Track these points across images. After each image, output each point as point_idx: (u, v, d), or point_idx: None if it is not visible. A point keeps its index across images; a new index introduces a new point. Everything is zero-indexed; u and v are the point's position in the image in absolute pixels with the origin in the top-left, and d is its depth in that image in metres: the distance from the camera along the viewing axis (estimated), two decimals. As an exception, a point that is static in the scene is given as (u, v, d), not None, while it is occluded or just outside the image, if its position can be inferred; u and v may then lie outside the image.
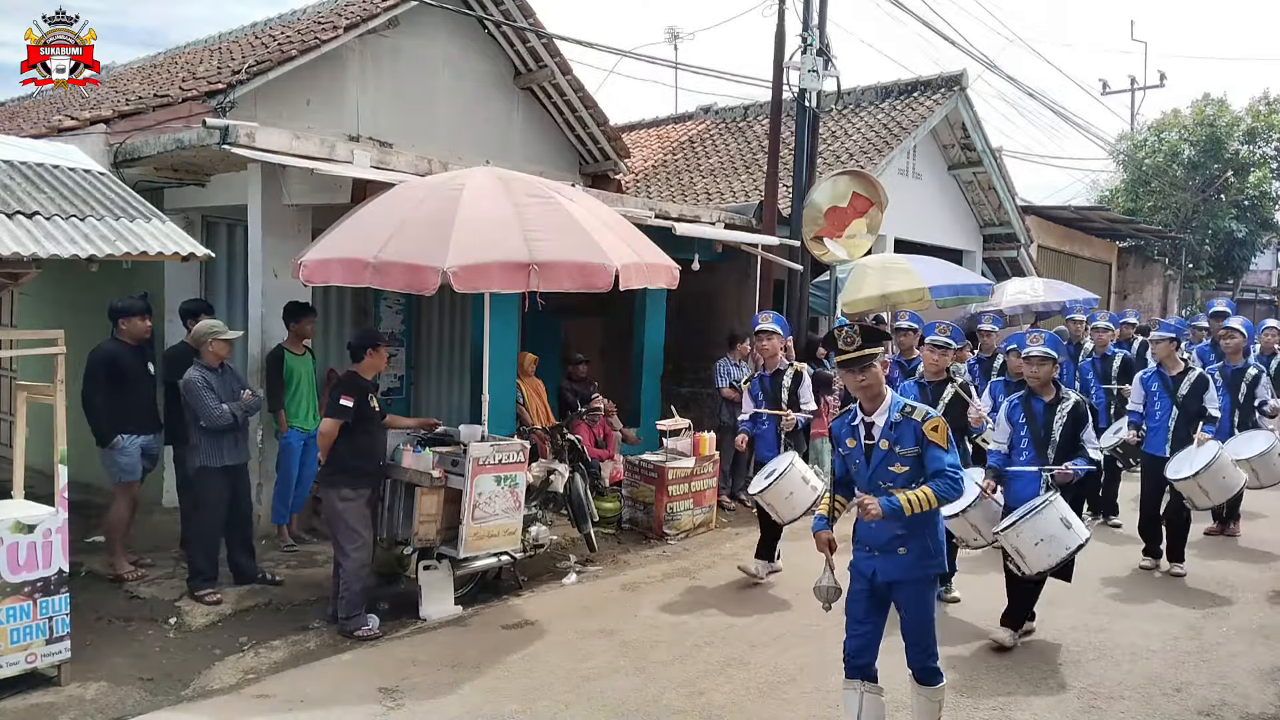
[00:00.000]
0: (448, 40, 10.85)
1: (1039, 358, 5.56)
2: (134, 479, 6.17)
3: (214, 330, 5.94)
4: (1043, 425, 5.52)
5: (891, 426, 3.97)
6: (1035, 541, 5.24)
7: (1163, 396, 7.22)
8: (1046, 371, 5.55)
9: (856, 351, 3.93)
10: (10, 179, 5.15)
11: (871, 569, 4.02)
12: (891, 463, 3.96)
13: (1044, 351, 5.56)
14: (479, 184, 5.85)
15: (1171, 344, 7.31)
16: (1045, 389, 5.59)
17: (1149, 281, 22.95)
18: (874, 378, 3.98)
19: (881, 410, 4.01)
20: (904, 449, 3.94)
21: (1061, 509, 5.30)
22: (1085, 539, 5.29)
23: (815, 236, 10.10)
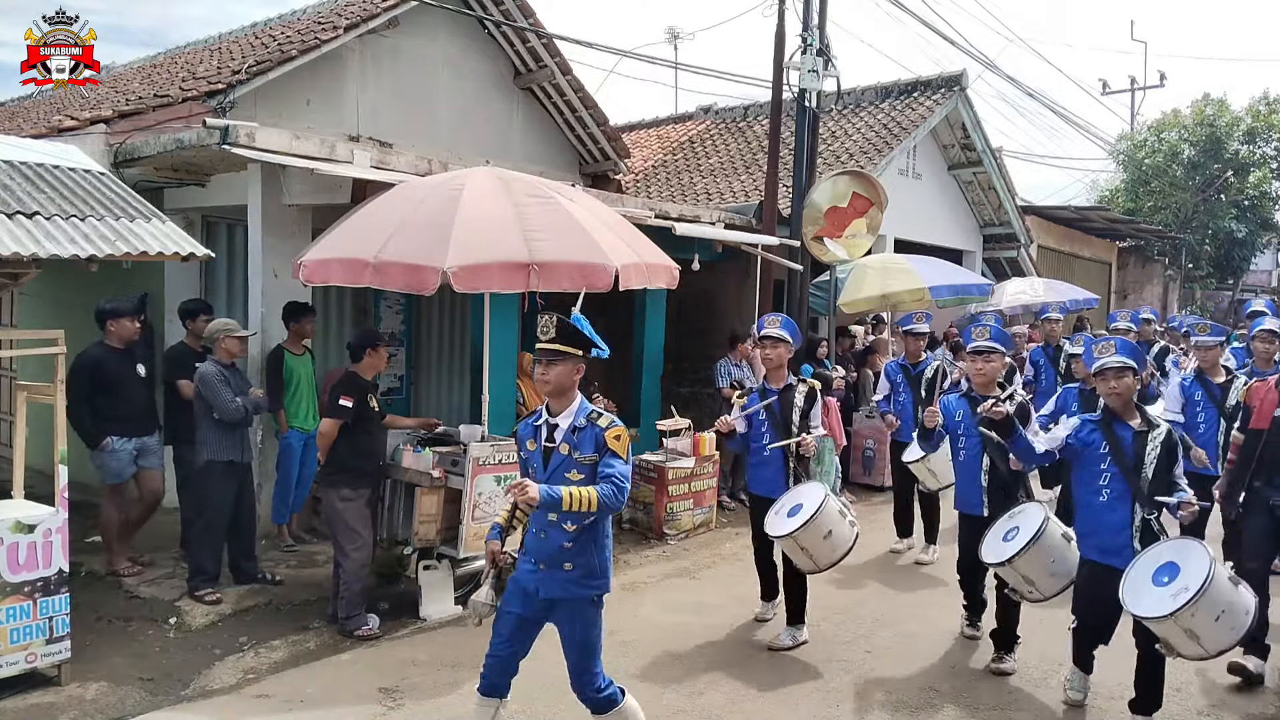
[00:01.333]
0: (448, 40, 10.85)
1: (1115, 369, 4.46)
2: (122, 481, 6.19)
3: (227, 328, 6.07)
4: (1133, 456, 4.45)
5: (574, 431, 3.70)
6: (1216, 615, 3.99)
7: (1208, 407, 6.52)
8: (1127, 386, 4.48)
9: (549, 343, 3.67)
10: (10, 179, 5.15)
11: (534, 584, 3.75)
12: (569, 469, 3.68)
13: (1119, 361, 4.47)
14: (479, 184, 5.85)
15: (1221, 348, 6.70)
16: (1129, 410, 4.55)
17: (1149, 281, 22.94)
18: (559, 376, 3.68)
19: (568, 413, 3.74)
20: (583, 455, 3.67)
21: (1219, 565, 4.11)
22: (1256, 595, 4.18)
23: (815, 236, 10.10)
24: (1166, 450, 4.40)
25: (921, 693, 4.97)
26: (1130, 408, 4.50)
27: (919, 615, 6.19)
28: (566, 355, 3.68)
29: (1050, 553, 4.80)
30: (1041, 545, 4.75)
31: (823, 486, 5.49)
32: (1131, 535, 4.37)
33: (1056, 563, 4.81)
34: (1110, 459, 4.44)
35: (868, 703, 4.85)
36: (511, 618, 3.81)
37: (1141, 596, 4.10)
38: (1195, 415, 6.59)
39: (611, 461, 3.68)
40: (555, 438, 3.73)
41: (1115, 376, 4.43)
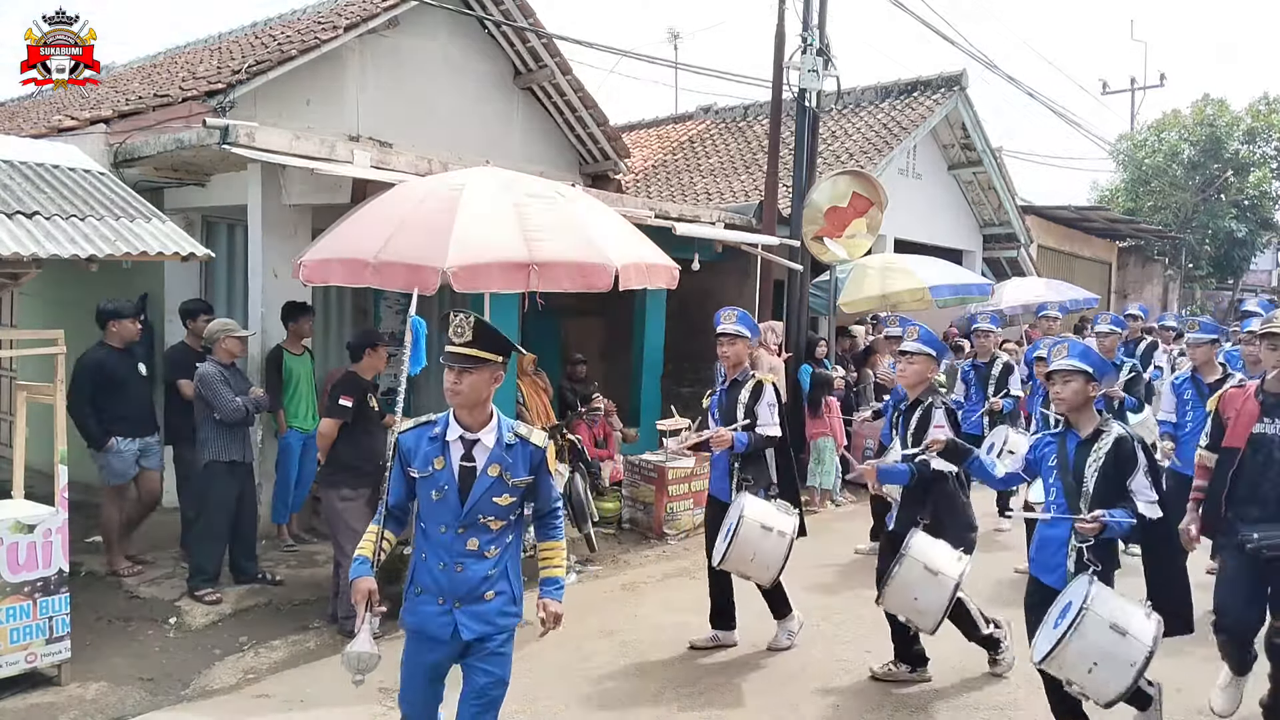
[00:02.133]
0: (447, 40, 10.84)
1: (1064, 372, 4.04)
2: (124, 481, 6.20)
3: (228, 328, 6.09)
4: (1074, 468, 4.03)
5: (506, 448, 3.23)
6: (1088, 667, 3.70)
7: (1197, 406, 6.29)
8: (1075, 391, 4.02)
9: (464, 347, 3.14)
10: (10, 179, 5.15)
11: (447, 627, 3.21)
12: (497, 493, 3.20)
13: (1069, 365, 4.05)
14: (479, 184, 5.85)
15: (1212, 347, 6.51)
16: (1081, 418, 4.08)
17: (1149, 281, 22.94)
18: (473, 386, 3.15)
19: (491, 428, 3.24)
20: (516, 478, 3.23)
21: (1105, 608, 3.71)
22: (1152, 646, 3.68)
23: (815, 236, 10.10)
24: (1115, 459, 3.88)
25: (923, 694, 4.97)
26: (1084, 415, 4.02)
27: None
28: (484, 362, 3.16)
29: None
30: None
31: (744, 502, 5.07)
32: (1067, 555, 3.97)
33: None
34: (1056, 473, 4.06)
35: (869, 703, 4.85)
36: (421, 673, 3.34)
37: (1040, 638, 3.87)
38: (1184, 414, 6.45)
39: (551, 485, 3.36)
40: (476, 456, 3.21)
41: (1063, 380, 4.00)
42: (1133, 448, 3.89)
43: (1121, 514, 3.80)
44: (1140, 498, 3.86)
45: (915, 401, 4.99)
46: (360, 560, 3.31)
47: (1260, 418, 4.18)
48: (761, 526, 4.97)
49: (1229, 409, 4.37)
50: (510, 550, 3.30)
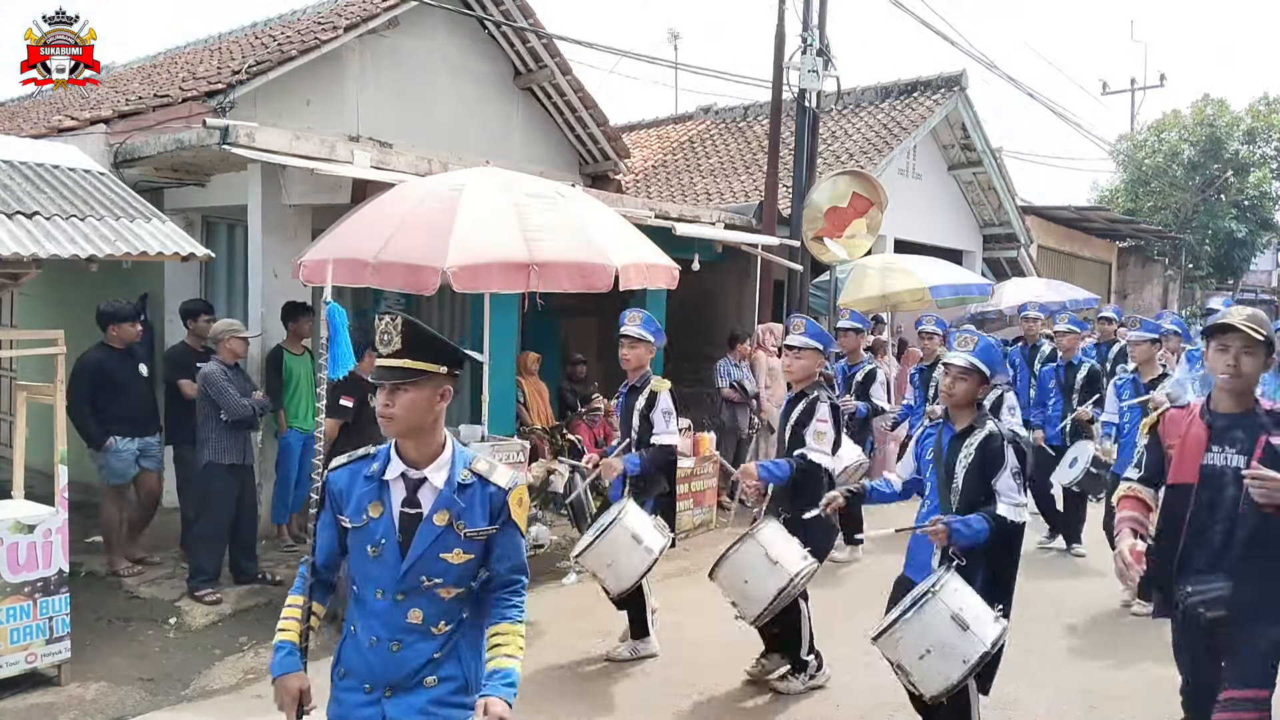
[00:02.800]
0: (448, 40, 10.84)
1: (958, 369, 3.90)
2: (124, 481, 6.20)
3: (232, 328, 6.11)
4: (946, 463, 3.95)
5: (460, 490, 2.49)
6: (920, 653, 3.61)
7: (1133, 407, 6.32)
8: (965, 391, 3.91)
9: (393, 358, 2.42)
10: (10, 179, 5.15)
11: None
12: (446, 548, 2.46)
13: (967, 361, 3.90)
14: (479, 184, 5.85)
15: (1153, 346, 6.51)
16: (961, 413, 3.98)
17: (1149, 281, 22.95)
18: (411, 406, 2.43)
19: (440, 463, 2.50)
20: (471, 528, 2.48)
21: (954, 599, 3.63)
22: (989, 648, 3.57)
23: (815, 236, 10.10)
24: (983, 456, 3.78)
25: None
26: (964, 411, 3.90)
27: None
28: (422, 375, 2.43)
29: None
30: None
31: (626, 507, 4.92)
32: (933, 552, 3.86)
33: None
34: (932, 466, 3.98)
35: (868, 703, 4.85)
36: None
37: (884, 617, 3.80)
38: (1124, 414, 6.45)
39: (516, 544, 2.56)
40: (422, 500, 2.50)
41: (958, 375, 3.86)
42: (1001, 446, 3.79)
43: (976, 518, 3.67)
44: (1004, 499, 3.74)
45: (800, 394, 4.86)
46: (283, 649, 2.66)
47: (1209, 445, 3.26)
48: (632, 536, 4.78)
49: (1170, 434, 3.42)
50: (466, 627, 2.55)
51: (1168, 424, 3.45)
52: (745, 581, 4.54)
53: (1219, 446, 3.25)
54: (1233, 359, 3.16)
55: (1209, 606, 3.17)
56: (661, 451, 5.12)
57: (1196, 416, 3.35)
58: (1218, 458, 3.25)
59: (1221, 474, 3.22)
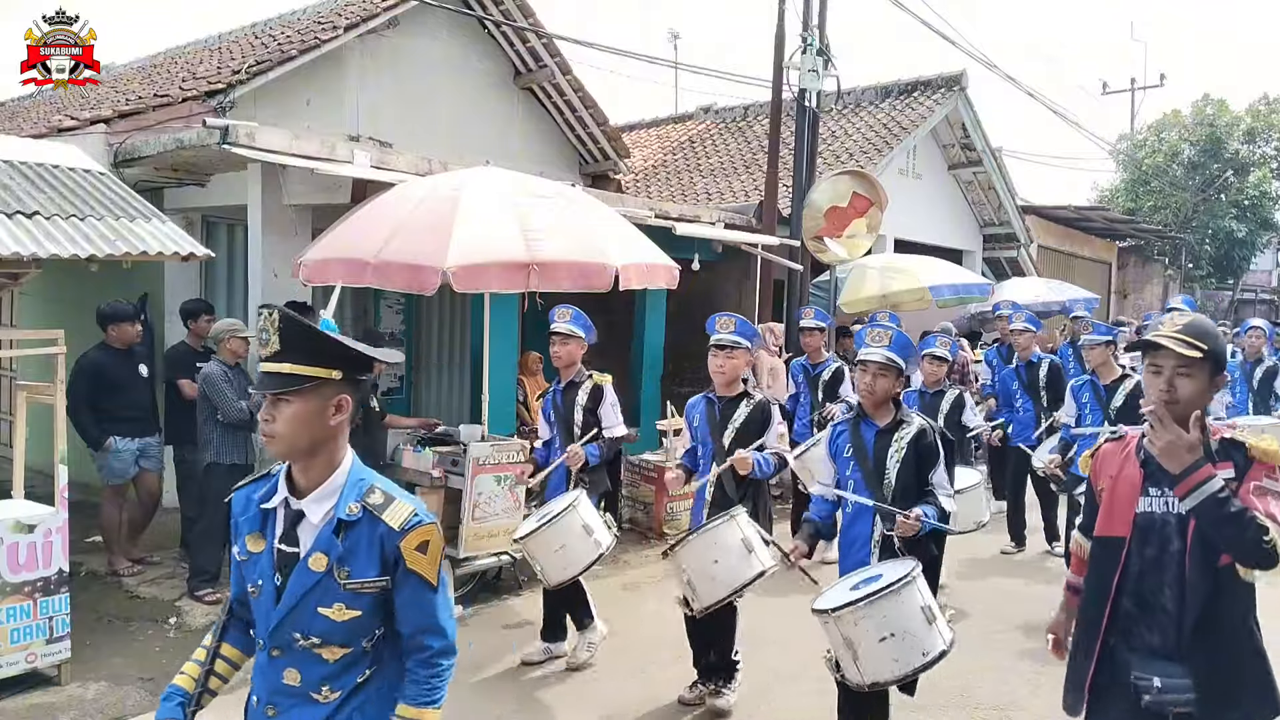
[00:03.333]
0: (448, 40, 10.84)
1: (877, 364, 3.82)
2: (123, 481, 6.21)
3: (233, 328, 6.10)
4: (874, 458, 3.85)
5: (341, 529, 2.05)
6: (882, 636, 3.38)
7: (1095, 409, 6.27)
8: (885, 388, 3.85)
9: (274, 361, 2.02)
10: (10, 179, 5.15)
11: None
12: (327, 600, 2.03)
13: (885, 357, 3.83)
14: (479, 184, 5.85)
15: (1106, 348, 6.43)
16: (881, 410, 3.90)
17: (1149, 281, 22.95)
18: (294, 421, 2.02)
19: (322, 492, 2.07)
20: (359, 578, 2.03)
21: (925, 591, 3.49)
22: (948, 647, 3.42)
23: (815, 236, 10.10)
24: (916, 452, 3.77)
25: (921, 693, 4.95)
26: (882, 408, 3.85)
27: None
28: (309, 383, 2.01)
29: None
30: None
31: (579, 496, 4.83)
32: (871, 551, 3.78)
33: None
34: (854, 463, 3.83)
35: (868, 703, 4.84)
36: None
37: (828, 598, 3.58)
38: (1084, 418, 6.33)
39: (421, 597, 2.08)
40: (300, 538, 2.07)
41: (877, 373, 3.81)
42: (934, 441, 3.81)
43: (932, 511, 3.68)
44: (941, 491, 3.78)
45: (741, 395, 4.72)
46: (172, 697, 2.22)
47: (1144, 489, 2.58)
48: (583, 526, 4.70)
49: (1101, 475, 2.73)
50: (371, 697, 2.11)
51: (1100, 461, 2.75)
52: (715, 562, 4.16)
53: (1157, 489, 2.55)
54: (1165, 383, 2.50)
55: (1180, 706, 2.48)
56: (614, 442, 5.24)
57: (1130, 453, 2.64)
58: (1156, 503, 2.55)
59: (1163, 523, 2.53)
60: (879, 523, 3.78)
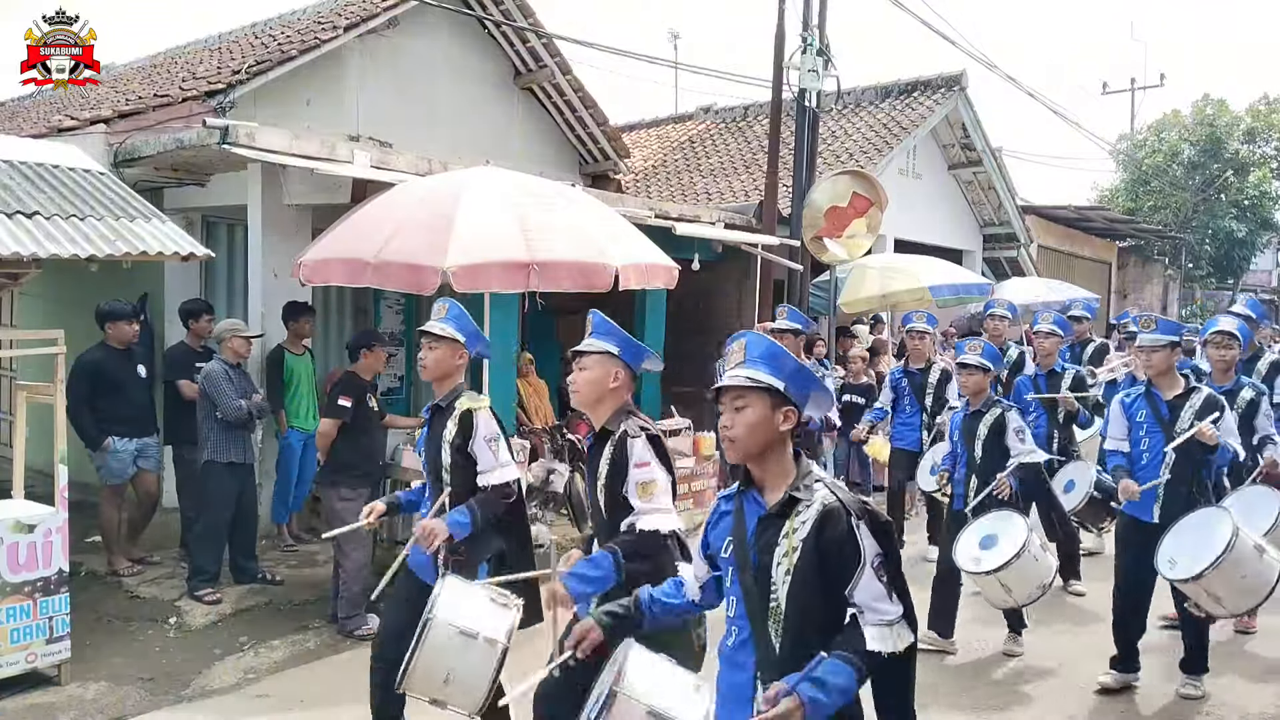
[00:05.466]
0: (448, 40, 10.84)
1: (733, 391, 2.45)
2: (122, 481, 6.21)
3: (235, 328, 6.12)
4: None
5: None
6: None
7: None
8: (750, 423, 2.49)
9: None
10: (10, 179, 5.15)
11: None
12: None
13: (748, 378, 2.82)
14: (479, 184, 5.85)
15: (1058, 342, 6.35)
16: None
17: (1149, 281, 22.95)
18: None
19: None
20: None
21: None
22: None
23: (815, 236, 10.10)
24: (820, 547, 2.30)
25: (921, 692, 4.94)
26: (771, 462, 2.41)
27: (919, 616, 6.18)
28: None
29: None
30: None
31: (440, 593, 3.47)
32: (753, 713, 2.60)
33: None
34: (734, 567, 2.53)
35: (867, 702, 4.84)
36: None
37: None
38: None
39: None
40: None
41: (735, 401, 2.39)
42: (849, 527, 2.27)
43: (833, 667, 2.23)
44: (870, 619, 2.28)
45: (602, 432, 3.27)
46: None
47: None
48: (460, 632, 3.09)
49: None
50: None
51: None
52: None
53: None
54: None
55: None
56: (495, 495, 3.64)
57: None
58: None
59: None
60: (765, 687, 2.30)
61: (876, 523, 2.32)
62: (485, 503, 3.62)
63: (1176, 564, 4.26)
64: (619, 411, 3.26)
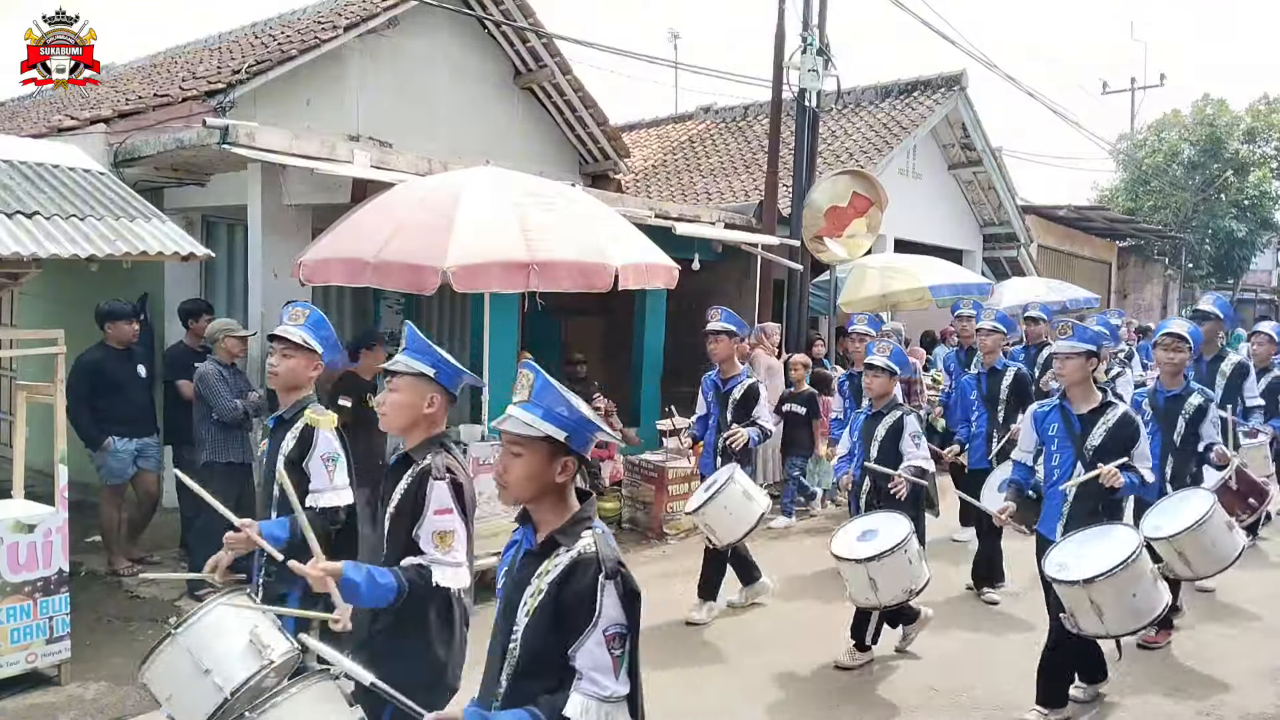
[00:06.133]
0: (448, 40, 10.85)
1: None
2: (121, 481, 6.21)
3: (228, 328, 6.12)
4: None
5: None
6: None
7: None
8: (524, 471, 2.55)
9: None
10: (10, 179, 5.15)
11: None
12: None
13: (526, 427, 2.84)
14: (479, 184, 5.85)
15: (999, 339, 6.30)
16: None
17: (1149, 281, 22.96)
18: None
19: None
20: None
21: None
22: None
23: (815, 236, 10.11)
24: (557, 605, 2.18)
25: (920, 692, 4.97)
26: (548, 508, 2.26)
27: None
28: None
29: None
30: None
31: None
32: None
33: None
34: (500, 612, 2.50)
35: (866, 701, 4.85)
36: None
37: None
38: (970, 412, 6.23)
39: None
40: None
41: (510, 444, 2.25)
42: (593, 584, 2.11)
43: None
44: (584, 688, 2.10)
45: (404, 459, 3.05)
46: None
47: None
48: (193, 663, 2.98)
49: None
50: None
51: None
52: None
53: None
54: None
55: None
56: (321, 519, 3.30)
57: None
58: None
59: None
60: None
61: (627, 589, 2.15)
62: (309, 523, 3.04)
63: (1066, 568, 4.08)
64: (430, 441, 2.99)
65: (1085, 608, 4.01)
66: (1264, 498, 5.56)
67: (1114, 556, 3.97)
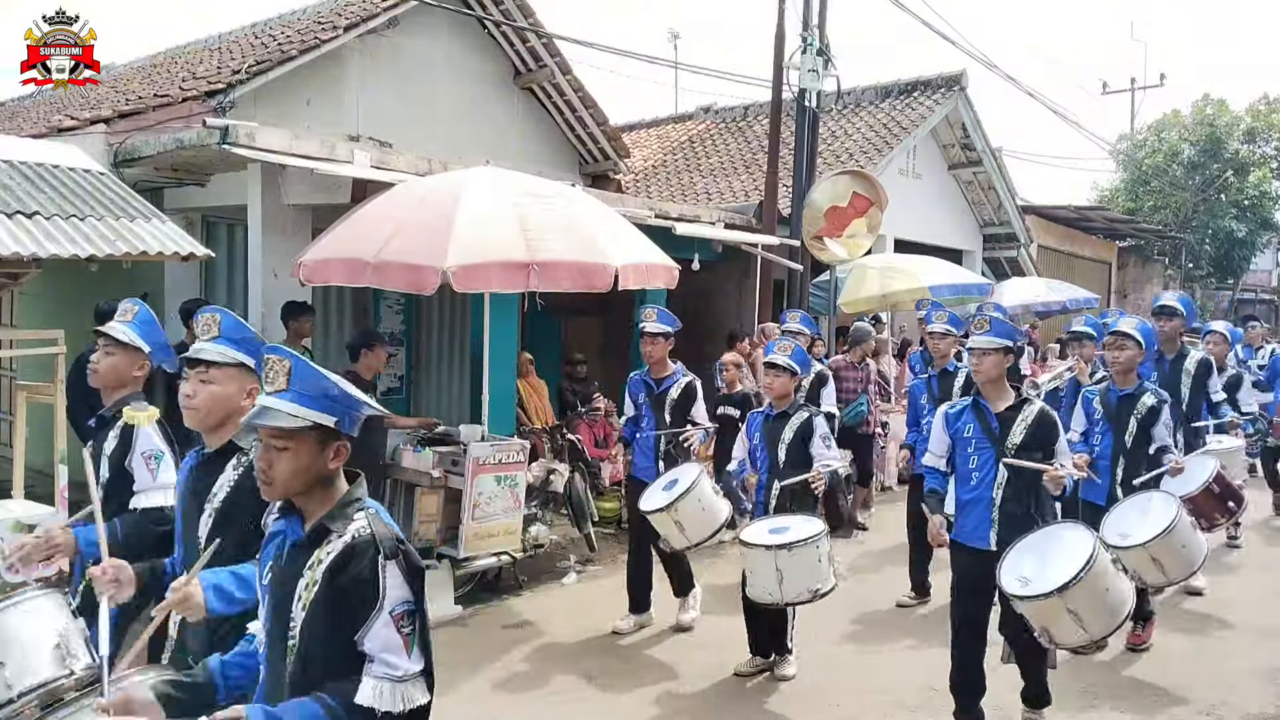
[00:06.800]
0: (448, 40, 10.85)
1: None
2: None
3: None
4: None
5: None
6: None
7: (932, 410, 5.42)
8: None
9: None
10: (10, 179, 5.16)
11: None
12: None
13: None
14: (479, 184, 5.85)
15: (952, 342, 6.16)
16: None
17: (1149, 281, 22.96)
18: None
19: None
20: None
21: None
22: None
23: (815, 236, 10.11)
24: (329, 593, 2.10)
25: (919, 692, 4.97)
26: (309, 497, 2.22)
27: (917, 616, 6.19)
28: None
29: None
30: None
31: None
32: None
33: None
34: None
35: (865, 702, 4.85)
36: None
37: None
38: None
39: None
40: None
41: (272, 437, 2.14)
42: (372, 565, 2.08)
43: (297, 708, 2.03)
44: (376, 670, 2.06)
45: (230, 446, 2.72)
46: None
47: None
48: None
49: None
50: None
51: None
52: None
53: None
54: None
55: None
56: (144, 519, 3.07)
57: None
58: None
59: None
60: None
61: (410, 566, 2.09)
62: (131, 525, 2.96)
63: (1029, 582, 3.78)
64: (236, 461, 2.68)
65: (1062, 619, 3.74)
66: (1241, 503, 5.48)
67: (1077, 557, 3.72)
